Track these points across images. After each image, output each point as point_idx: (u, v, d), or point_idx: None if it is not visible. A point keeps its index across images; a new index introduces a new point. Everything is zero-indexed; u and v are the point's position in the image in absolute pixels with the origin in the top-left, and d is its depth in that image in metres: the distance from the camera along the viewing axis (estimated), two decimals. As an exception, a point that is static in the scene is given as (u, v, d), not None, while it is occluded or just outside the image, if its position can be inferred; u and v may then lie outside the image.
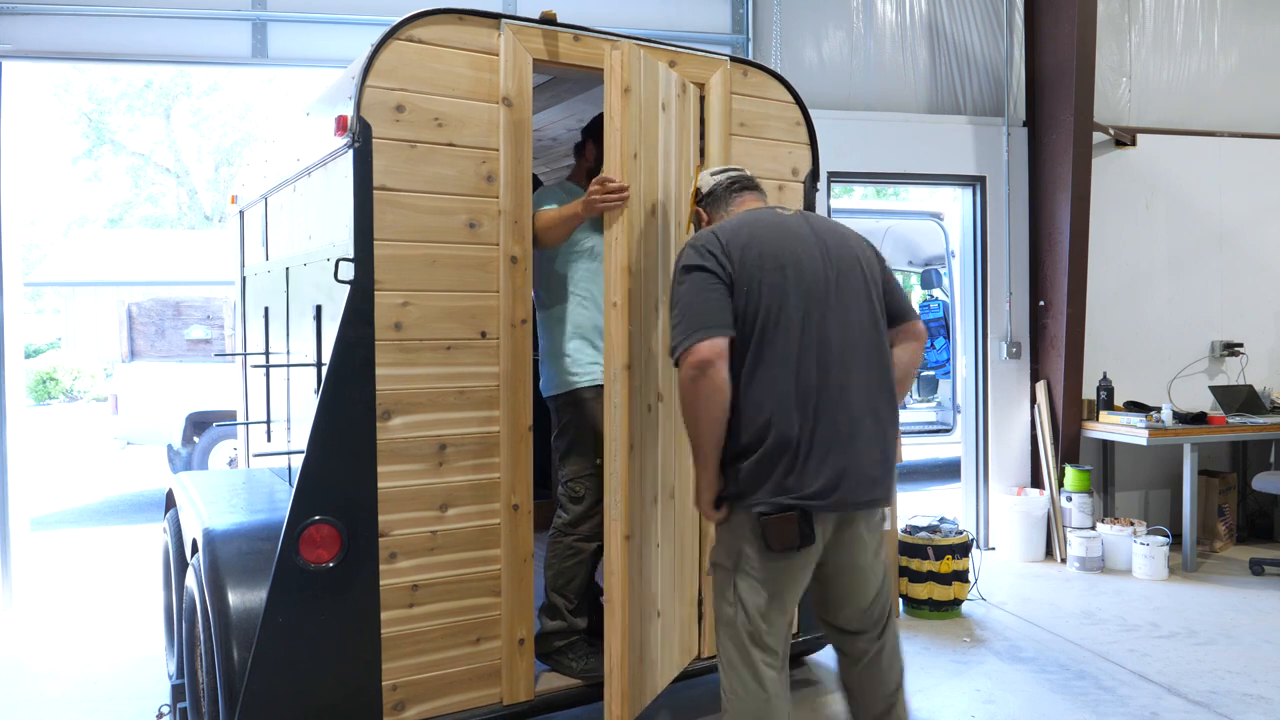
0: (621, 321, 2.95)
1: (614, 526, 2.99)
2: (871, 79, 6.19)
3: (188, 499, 3.75)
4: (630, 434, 3.01)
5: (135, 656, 4.65)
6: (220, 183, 25.68)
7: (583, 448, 3.36)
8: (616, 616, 2.97)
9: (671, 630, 3.36)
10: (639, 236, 3.05)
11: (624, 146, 2.94)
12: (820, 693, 4.11)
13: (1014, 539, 6.18)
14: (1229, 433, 6.09)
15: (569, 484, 3.38)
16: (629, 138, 2.95)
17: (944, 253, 8.80)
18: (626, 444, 2.99)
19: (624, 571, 2.97)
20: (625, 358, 2.97)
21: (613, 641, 2.98)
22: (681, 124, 3.35)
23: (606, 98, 2.95)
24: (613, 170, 2.95)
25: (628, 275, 2.97)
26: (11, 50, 5.30)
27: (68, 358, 20.63)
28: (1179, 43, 6.72)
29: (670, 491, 3.33)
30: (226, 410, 8.30)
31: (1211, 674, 4.28)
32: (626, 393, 2.98)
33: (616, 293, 2.95)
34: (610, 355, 2.98)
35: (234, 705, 2.73)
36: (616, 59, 2.91)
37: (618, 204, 2.93)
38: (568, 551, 3.37)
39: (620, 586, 2.97)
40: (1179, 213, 6.70)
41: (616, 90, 2.92)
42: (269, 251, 4.19)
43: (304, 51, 5.57)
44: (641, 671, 3.12)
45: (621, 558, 2.97)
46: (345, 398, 2.84)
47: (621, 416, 2.97)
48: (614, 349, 2.96)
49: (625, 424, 2.98)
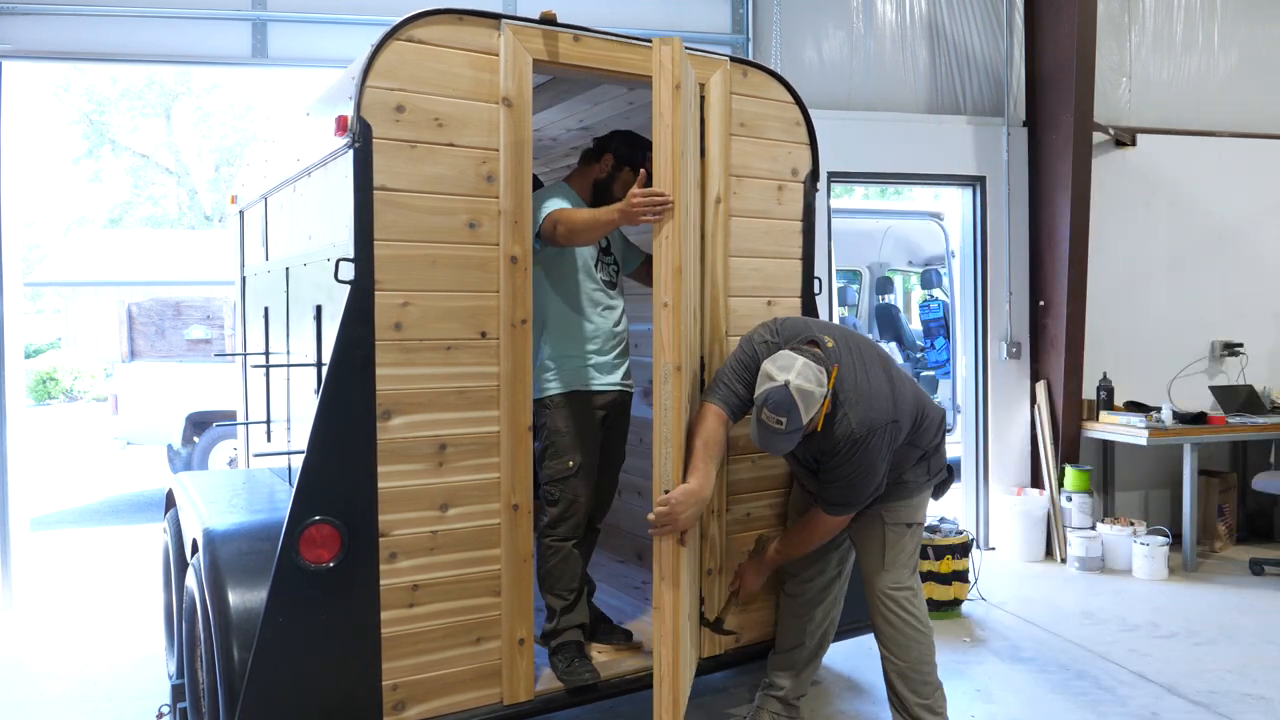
0: (673, 322, 2.91)
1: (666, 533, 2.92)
2: (871, 79, 6.19)
3: (188, 499, 3.75)
4: (679, 436, 2.97)
5: (135, 656, 4.65)
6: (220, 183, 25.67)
7: (555, 451, 3.38)
8: (668, 623, 2.90)
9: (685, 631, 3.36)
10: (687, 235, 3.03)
11: (675, 145, 2.88)
12: (821, 693, 4.11)
13: (1014, 539, 6.18)
14: (1229, 433, 6.09)
15: (545, 487, 3.42)
16: (680, 134, 2.89)
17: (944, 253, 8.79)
18: (680, 446, 2.96)
19: (675, 578, 2.92)
20: (677, 358, 2.94)
21: (663, 650, 2.91)
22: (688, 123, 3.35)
23: (656, 94, 2.87)
24: (663, 168, 2.89)
25: (679, 276, 2.93)
26: (11, 50, 5.30)
27: (68, 358, 20.63)
28: (1179, 43, 6.72)
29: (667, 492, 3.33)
30: (226, 410, 8.29)
31: (1211, 674, 4.28)
32: (677, 394, 2.94)
33: (668, 293, 2.91)
34: (660, 355, 2.93)
35: (234, 705, 2.73)
36: (667, 54, 2.84)
37: (660, 216, 2.91)
38: (549, 551, 3.40)
39: (671, 594, 2.90)
40: (1179, 212, 6.70)
41: (668, 87, 2.84)
42: (269, 251, 4.19)
43: (304, 51, 5.57)
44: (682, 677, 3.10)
45: (672, 565, 2.90)
46: (345, 398, 2.84)
47: (674, 420, 2.93)
48: (664, 349, 2.91)
49: (677, 425, 2.95)
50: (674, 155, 2.90)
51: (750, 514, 3.76)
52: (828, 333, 3.18)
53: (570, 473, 3.36)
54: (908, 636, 3.34)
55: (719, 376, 3.25)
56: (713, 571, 3.63)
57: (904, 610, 3.34)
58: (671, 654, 2.93)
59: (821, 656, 3.71)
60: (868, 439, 3.06)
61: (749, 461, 3.74)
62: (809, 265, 3.91)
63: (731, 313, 3.66)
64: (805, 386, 2.92)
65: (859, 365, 3.14)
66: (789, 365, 2.96)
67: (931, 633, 3.42)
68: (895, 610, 3.35)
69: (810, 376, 2.94)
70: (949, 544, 5.04)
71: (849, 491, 3.18)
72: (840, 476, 3.15)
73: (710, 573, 3.62)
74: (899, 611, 3.34)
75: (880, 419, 3.08)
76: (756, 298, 3.75)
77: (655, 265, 2.96)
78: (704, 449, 3.05)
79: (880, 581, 3.36)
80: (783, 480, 3.81)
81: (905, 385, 3.25)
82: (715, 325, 3.59)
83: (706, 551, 3.58)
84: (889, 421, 3.10)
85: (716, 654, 3.67)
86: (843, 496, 3.20)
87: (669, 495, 2.90)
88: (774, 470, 3.79)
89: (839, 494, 3.20)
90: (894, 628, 3.35)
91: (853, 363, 3.13)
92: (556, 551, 3.40)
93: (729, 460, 3.67)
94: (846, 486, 3.17)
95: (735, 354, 3.26)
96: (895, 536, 3.36)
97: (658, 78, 2.89)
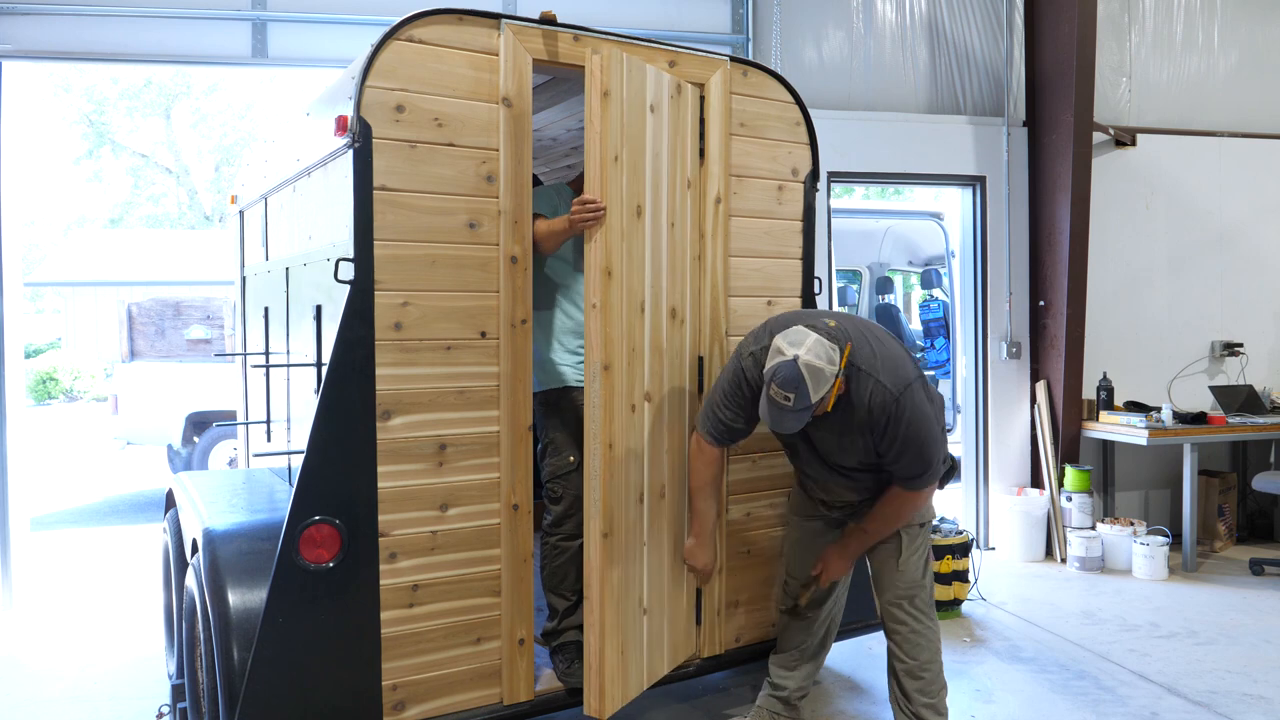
0: (601, 323, 2.99)
1: (592, 524, 3.05)
2: (871, 79, 6.19)
3: (188, 499, 3.75)
4: (609, 433, 3.04)
5: (135, 656, 4.65)
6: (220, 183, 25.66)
7: (556, 448, 3.40)
8: (595, 613, 3.03)
9: (661, 628, 3.37)
10: (621, 238, 3.06)
11: (604, 150, 2.97)
12: (821, 693, 4.11)
13: (1014, 539, 6.18)
14: (1229, 433, 6.09)
15: (548, 485, 3.44)
16: (609, 140, 2.98)
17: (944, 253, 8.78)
18: (606, 443, 3.03)
19: (601, 568, 3.03)
20: (604, 358, 3.00)
21: (590, 637, 3.04)
22: (676, 124, 3.35)
23: (587, 102, 2.98)
24: (592, 171, 2.99)
25: (607, 278, 3.00)
26: (11, 50, 5.30)
27: (68, 358, 20.62)
28: (1179, 43, 6.72)
29: (660, 491, 3.34)
30: (226, 410, 8.30)
31: (1211, 674, 4.28)
32: (605, 393, 3.01)
33: (596, 294, 2.99)
34: (590, 356, 3.02)
35: (234, 705, 2.73)
36: (596, 63, 2.95)
37: (594, 222, 2.99)
38: (554, 551, 3.41)
39: (597, 583, 3.03)
40: (1179, 213, 6.70)
41: (596, 94, 2.96)
42: (269, 251, 4.19)
43: (304, 51, 5.57)
44: (624, 667, 3.14)
45: (599, 554, 3.02)
46: (345, 398, 2.84)
47: (601, 416, 3.01)
48: (593, 348, 3.01)
49: (604, 423, 3.02)
50: (603, 162, 2.97)
51: (750, 514, 3.76)
52: (826, 316, 3.13)
53: (571, 468, 3.37)
54: (920, 635, 3.33)
55: (709, 401, 3.24)
56: (713, 571, 3.63)
57: (918, 610, 3.34)
58: (599, 641, 3.02)
59: (823, 656, 3.71)
60: (904, 395, 2.97)
61: (749, 461, 3.74)
62: (809, 265, 3.91)
63: (731, 313, 3.66)
64: (815, 363, 2.84)
65: (869, 336, 3.09)
66: (799, 341, 2.89)
67: (939, 630, 3.42)
68: (910, 610, 3.33)
69: (821, 354, 2.86)
70: (949, 544, 5.04)
71: (919, 459, 3.04)
72: (906, 446, 3.01)
73: (710, 573, 3.62)
74: (914, 611, 3.33)
75: (908, 375, 3.03)
76: (756, 298, 3.75)
77: (586, 267, 3.03)
78: (700, 494, 3.34)
79: (896, 582, 3.34)
80: (782, 480, 3.80)
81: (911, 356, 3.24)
82: (715, 325, 3.60)
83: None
84: (917, 377, 3.07)
85: (717, 654, 3.67)
86: (914, 466, 3.06)
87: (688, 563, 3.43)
88: (774, 470, 3.79)
89: (909, 465, 3.06)
90: (908, 627, 3.33)
91: (862, 334, 3.08)
92: (563, 552, 3.40)
93: (729, 460, 3.67)
94: (917, 453, 3.03)
95: (724, 374, 3.22)
96: (910, 537, 3.34)
97: (588, 85, 2.97)
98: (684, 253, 3.44)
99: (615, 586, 3.10)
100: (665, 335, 3.34)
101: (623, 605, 3.14)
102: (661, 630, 3.38)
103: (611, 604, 3.07)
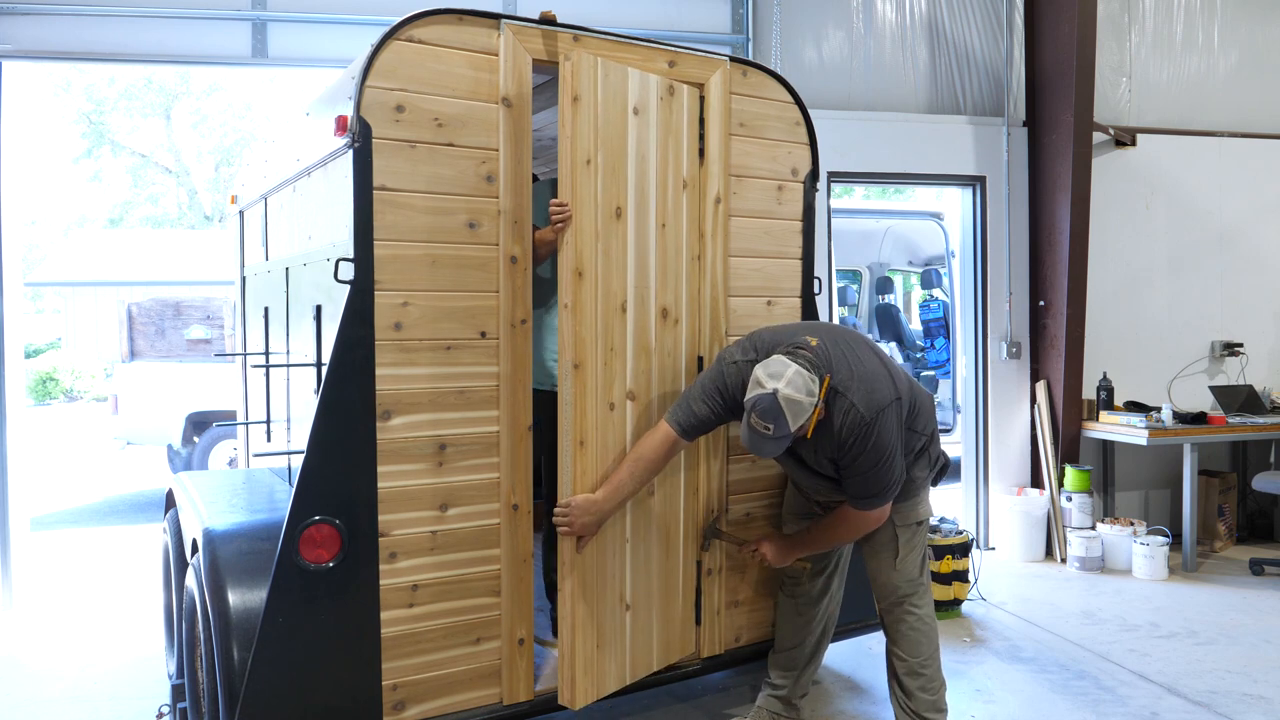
0: (572, 322, 3.02)
1: None
2: (871, 79, 6.19)
3: (188, 499, 3.75)
4: (581, 430, 3.06)
5: (135, 656, 4.65)
6: (220, 183, 25.65)
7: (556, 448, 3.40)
8: (567, 605, 3.08)
9: (648, 625, 3.38)
10: (595, 239, 3.07)
11: (574, 154, 3.00)
12: (821, 693, 4.11)
13: (1014, 539, 6.18)
14: (1229, 433, 6.09)
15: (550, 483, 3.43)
16: (580, 144, 3.00)
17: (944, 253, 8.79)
18: (577, 440, 3.05)
19: (572, 561, 3.08)
20: (575, 357, 3.03)
21: (563, 629, 3.10)
22: (668, 125, 3.35)
23: (559, 107, 3.00)
24: (564, 173, 3.02)
25: (578, 278, 3.03)
26: (11, 50, 5.30)
27: (68, 358, 20.62)
28: (1179, 43, 6.72)
29: (649, 489, 3.34)
30: (226, 410, 8.30)
31: (1211, 674, 4.29)
32: (575, 391, 3.04)
33: (568, 295, 3.03)
34: (562, 355, 3.05)
35: (234, 705, 2.73)
36: (567, 70, 2.97)
37: (562, 224, 3.03)
38: None
39: (569, 577, 3.08)
40: (1179, 213, 6.70)
41: (566, 98, 2.98)
42: (269, 251, 4.19)
43: (304, 51, 5.57)
44: (600, 660, 3.17)
45: (570, 548, 3.08)
46: (345, 398, 2.84)
47: (572, 414, 3.04)
48: (565, 348, 3.05)
49: (575, 421, 3.05)
50: (574, 165, 3.00)
51: (750, 513, 3.76)
52: (809, 333, 3.13)
53: None
54: (919, 633, 3.35)
55: (686, 393, 3.24)
56: (713, 572, 3.63)
57: (917, 609, 3.36)
58: (570, 634, 3.07)
59: (821, 655, 3.72)
60: (877, 420, 3.01)
61: (748, 461, 3.74)
62: (809, 265, 3.91)
63: (731, 313, 3.66)
64: (794, 396, 2.88)
65: (849, 354, 3.10)
66: (779, 373, 2.91)
67: (938, 628, 3.43)
68: (910, 610, 3.36)
69: (800, 386, 2.89)
70: (949, 544, 5.04)
71: (872, 482, 3.09)
72: (861, 467, 3.06)
73: (710, 573, 3.62)
74: (913, 610, 3.36)
75: (884, 397, 3.05)
76: (756, 298, 3.75)
77: (560, 269, 3.06)
78: (631, 464, 3.15)
79: (894, 582, 3.36)
80: (780, 480, 3.80)
81: (895, 367, 3.23)
82: (715, 325, 3.60)
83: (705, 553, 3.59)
84: (894, 399, 3.07)
85: (717, 654, 3.67)
86: (866, 488, 3.11)
87: (569, 502, 3.05)
88: (773, 470, 3.79)
89: (862, 485, 3.11)
90: (908, 625, 3.35)
91: (842, 354, 3.09)
92: None
93: (729, 460, 3.67)
94: (870, 476, 3.07)
95: (707, 372, 3.24)
96: (907, 536, 3.36)
97: (560, 91, 3.00)
98: (679, 253, 3.44)
99: (591, 580, 3.13)
100: (655, 335, 3.34)
101: (600, 599, 3.17)
102: (649, 627, 3.39)
103: (584, 598, 3.11)
